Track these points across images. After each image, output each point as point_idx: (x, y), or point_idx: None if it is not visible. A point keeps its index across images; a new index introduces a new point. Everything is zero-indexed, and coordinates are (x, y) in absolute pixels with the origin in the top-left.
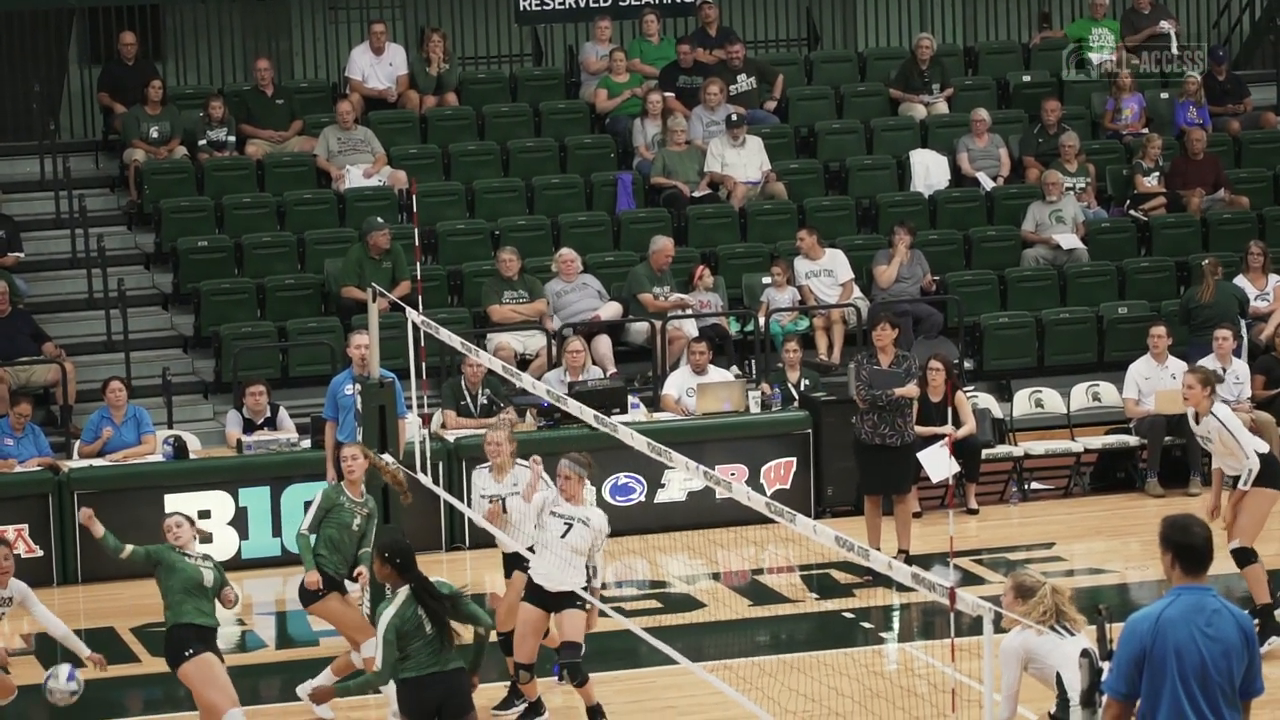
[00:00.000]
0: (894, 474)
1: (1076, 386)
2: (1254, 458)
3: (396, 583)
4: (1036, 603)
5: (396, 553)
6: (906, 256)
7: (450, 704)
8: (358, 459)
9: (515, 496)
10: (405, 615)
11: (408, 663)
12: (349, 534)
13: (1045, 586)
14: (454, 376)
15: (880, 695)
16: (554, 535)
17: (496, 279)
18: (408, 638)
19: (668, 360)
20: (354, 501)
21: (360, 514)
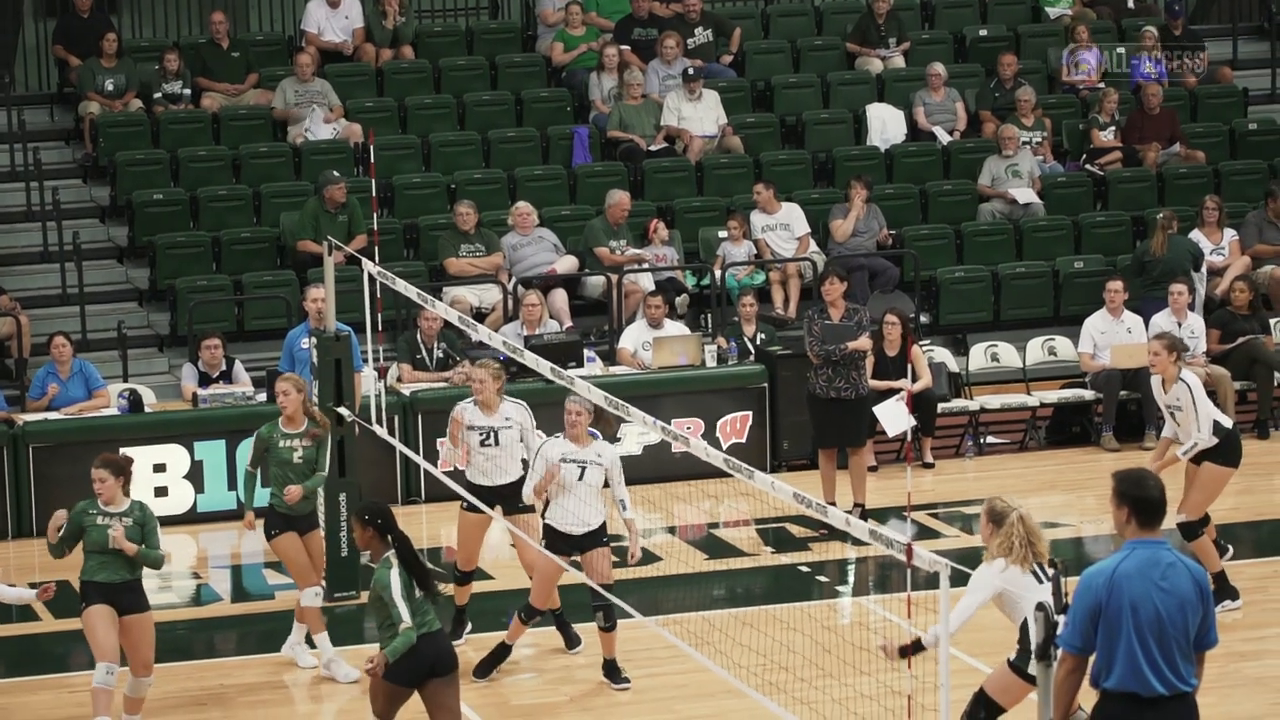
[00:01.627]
0: (849, 427)
1: (1032, 341)
2: (1207, 432)
3: (379, 547)
4: (1007, 532)
5: (376, 514)
6: (863, 211)
7: (441, 663)
8: (289, 394)
9: (507, 430)
10: (405, 576)
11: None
12: (292, 470)
13: (1013, 514)
14: (410, 330)
15: (832, 650)
16: (571, 480)
17: (453, 232)
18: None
19: (624, 314)
20: (289, 435)
21: (300, 445)
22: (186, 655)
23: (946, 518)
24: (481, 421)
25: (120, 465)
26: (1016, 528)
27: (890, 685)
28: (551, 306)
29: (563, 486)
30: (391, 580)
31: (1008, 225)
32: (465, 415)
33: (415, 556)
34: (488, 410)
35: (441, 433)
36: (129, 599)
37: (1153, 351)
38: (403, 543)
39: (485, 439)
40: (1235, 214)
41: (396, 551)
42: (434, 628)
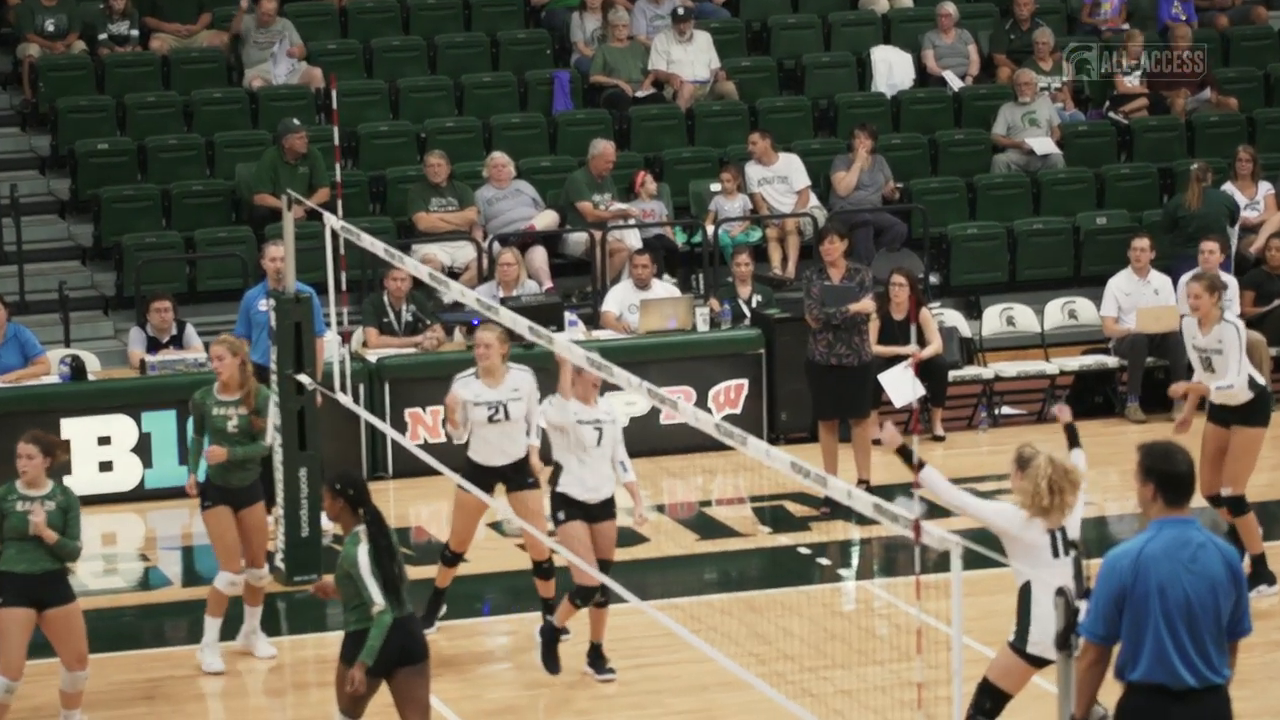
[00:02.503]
0: (851, 397)
1: (1051, 303)
2: (1244, 383)
3: (350, 520)
4: (1033, 475)
5: (349, 484)
6: (867, 162)
7: (410, 651)
8: (224, 359)
9: (516, 401)
10: (374, 554)
11: (360, 611)
12: (227, 440)
13: (1040, 457)
14: (376, 291)
15: (838, 636)
16: (590, 444)
17: (423, 185)
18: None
19: (608, 274)
20: (224, 402)
21: (236, 413)
22: (133, 644)
23: None
24: (488, 395)
25: (50, 445)
26: (1044, 469)
27: (901, 675)
28: (529, 266)
29: (582, 450)
30: (360, 557)
31: (1024, 178)
32: (466, 391)
33: (386, 536)
34: (492, 380)
35: (411, 401)
36: (51, 592)
37: (1192, 294)
38: (375, 519)
39: (494, 414)
40: (1270, 166)
41: (367, 527)
42: (404, 611)
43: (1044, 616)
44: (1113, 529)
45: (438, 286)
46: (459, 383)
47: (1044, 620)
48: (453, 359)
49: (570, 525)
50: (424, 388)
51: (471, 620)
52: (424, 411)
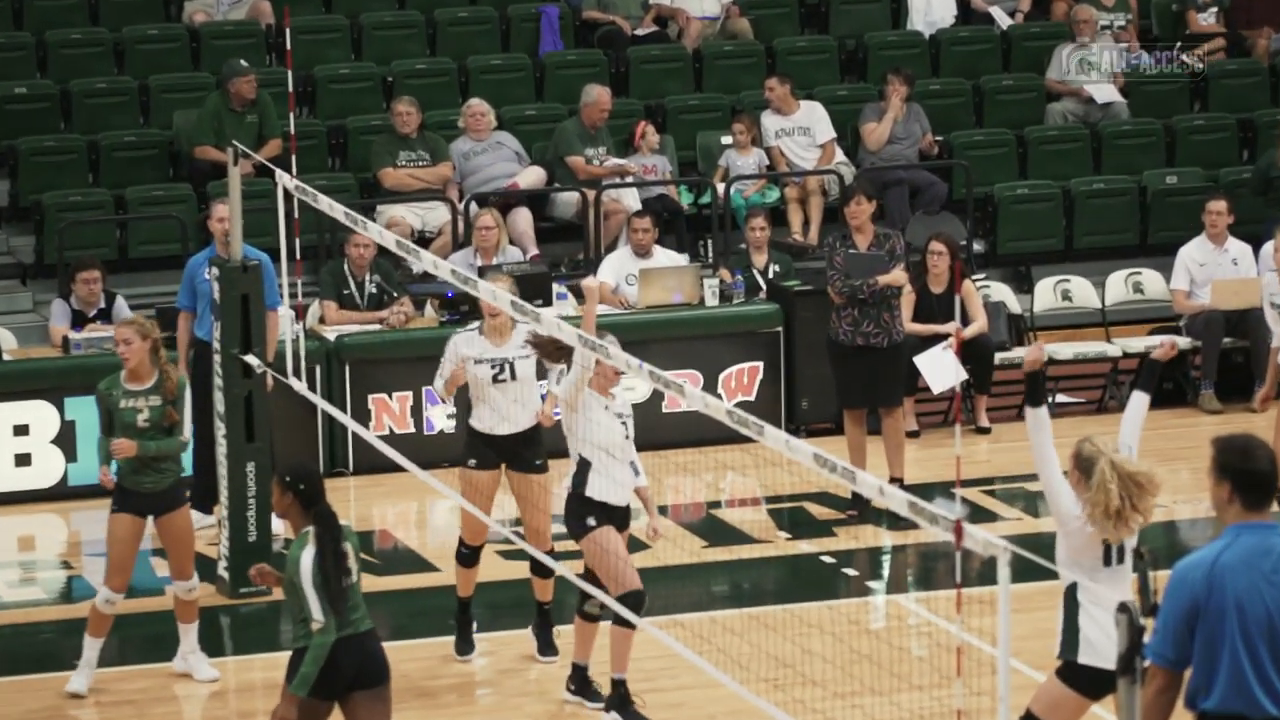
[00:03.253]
0: (881, 382)
1: (1113, 275)
2: None
3: (299, 519)
4: (1098, 488)
5: (300, 477)
6: (902, 112)
7: (366, 672)
8: (132, 343)
9: (525, 360)
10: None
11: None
12: (137, 435)
13: (1102, 460)
14: (335, 258)
15: (868, 657)
16: (618, 440)
17: (389, 137)
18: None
19: (603, 240)
20: (133, 393)
21: (146, 405)
22: (54, 664)
23: (1006, 495)
24: (494, 352)
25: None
26: (1106, 472)
27: (940, 701)
28: (512, 230)
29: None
30: (304, 562)
31: (1083, 130)
32: (469, 347)
33: (337, 540)
34: (498, 337)
35: (375, 386)
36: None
37: None
38: (326, 519)
39: (498, 372)
40: None
41: (316, 528)
42: (360, 628)
43: (1095, 622)
44: (1184, 536)
45: (405, 256)
46: (461, 338)
47: (1095, 626)
48: (423, 337)
49: (603, 532)
50: (390, 370)
51: (443, 638)
52: (390, 398)
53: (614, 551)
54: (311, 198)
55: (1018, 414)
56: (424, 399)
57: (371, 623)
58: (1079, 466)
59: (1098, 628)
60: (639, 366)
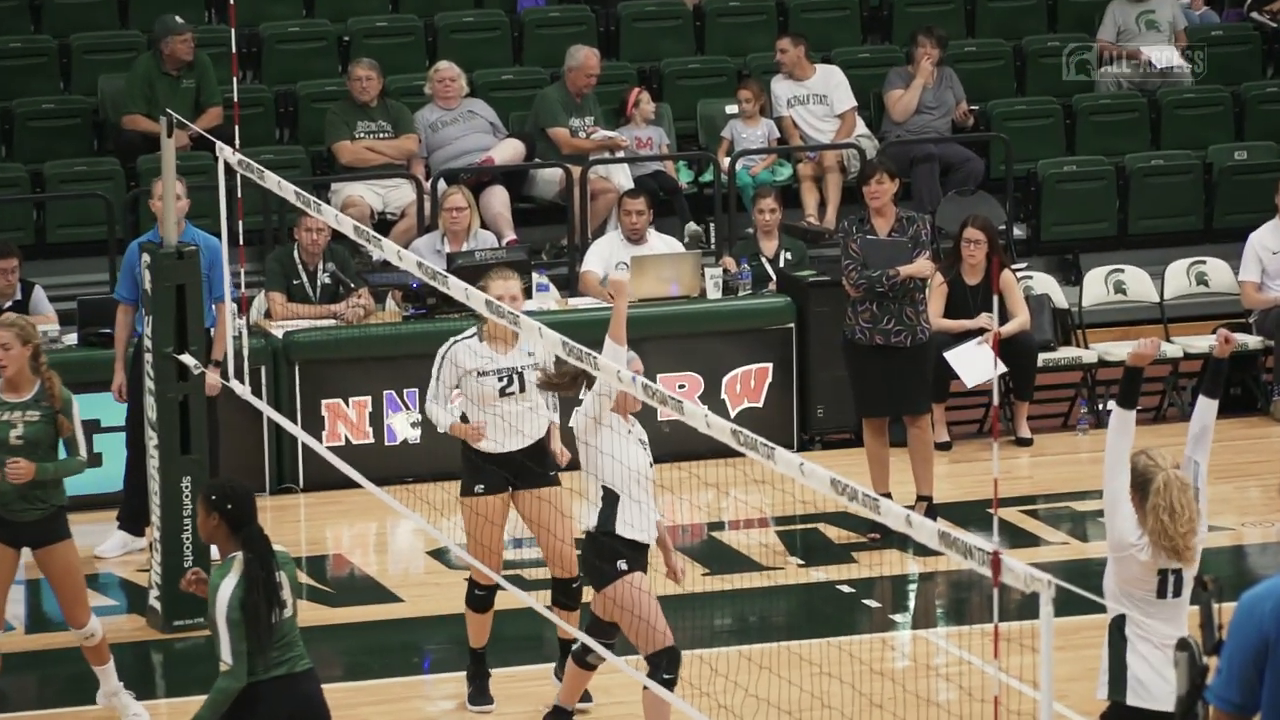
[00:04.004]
0: (905, 387)
1: (1174, 265)
2: None
3: (227, 544)
4: (1153, 511)
5: (227, 496)
6: (932, 77)
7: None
8: (10, 348)
9: (534, 369)
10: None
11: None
12: (9, 452)
13: (1160, 476)
14: (284, 244)
15: (886, 706)
16: (644, 468)
17: (346, 105)
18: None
19: (590, 223)
20: (8, 405)
21: (23, 420)
22: None
23: (1050, 517)
24: (500, 362)
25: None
26: (1167, 494)
27: None
28: (486, 211)
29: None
30: (222, 592)
31: (1139, 99)
32: (469, 358)
33: (269, 569)
34: (499, 345)
35: (329, 390)
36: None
37: None
38: (257, 545)
39: (506, 385)
40: None
41: (245, 555)
42: (296, 668)
43: (1145, 660)
44: (1253, 562)
45: (362, 243)
46: (458, 348)
47: (1144, 664)
48: (384, 334)
49: (638, 579)
50: (346, 372)
51: (406, 678)
52: (345, 404)
53: (649, 603)
54: (257, 174)
55: (1063, 423)
56: (384, 405)
57: (310, 663)
58: (1135, 483)
59: (1148, 666)
60: (628, 377)
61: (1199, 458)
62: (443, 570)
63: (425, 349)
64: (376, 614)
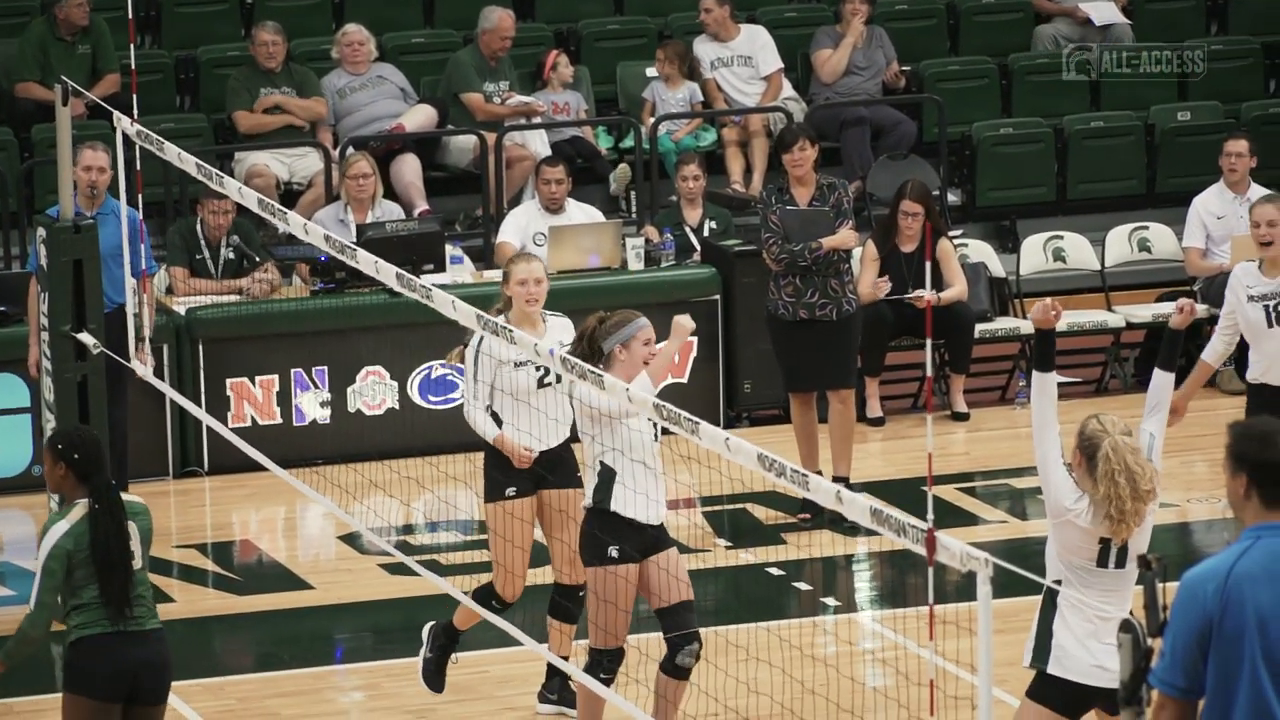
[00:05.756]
0: (830, 361)
1: (1115, 231)
2: None
3: (74, 493)
4: (1102, 477)
5: (74, 445)
6: (862, 37)
7: (147, 680)
8: None
9: None
10: (83, 537)
11: (82, 614)
12: None
13: (1106, 442)
14: (185, 216)
15: (818, 691)
16: (648, 444)
17: (249, 71)
18: (84, 576)
19: (505, 192)
20: None
21: None
22: None
23: (988, 495)
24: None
25: None
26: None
27: None
28: (397, 181)
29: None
30: (50, 535)
31: (1079, 58)
32: (502, 349)
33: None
34: (532, 330)
35: (235, 369)
36: None
37: (1265, 220)
38: (105, 495)
39: (544, 374)
40: None
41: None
42: (147, 625)
43: (1070, 631)
44: (1199, 540)
45: (267, 217)
46: (492, 339)
47: (1069, 634)
48: (291, 309)
49: (621, 571)
50: (252, 350)
51: (318, 669)
52: (252, 383)
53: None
54: (156, 144)
55: (1001, 397)
56: (292, 383)
57: (159, 622)
58: (1081, 448)
59: (1073, 637)
60: (547, 351)
61: (1154, 429)
62: (355, 556)
63: (334, 324)
64: (286, 602)
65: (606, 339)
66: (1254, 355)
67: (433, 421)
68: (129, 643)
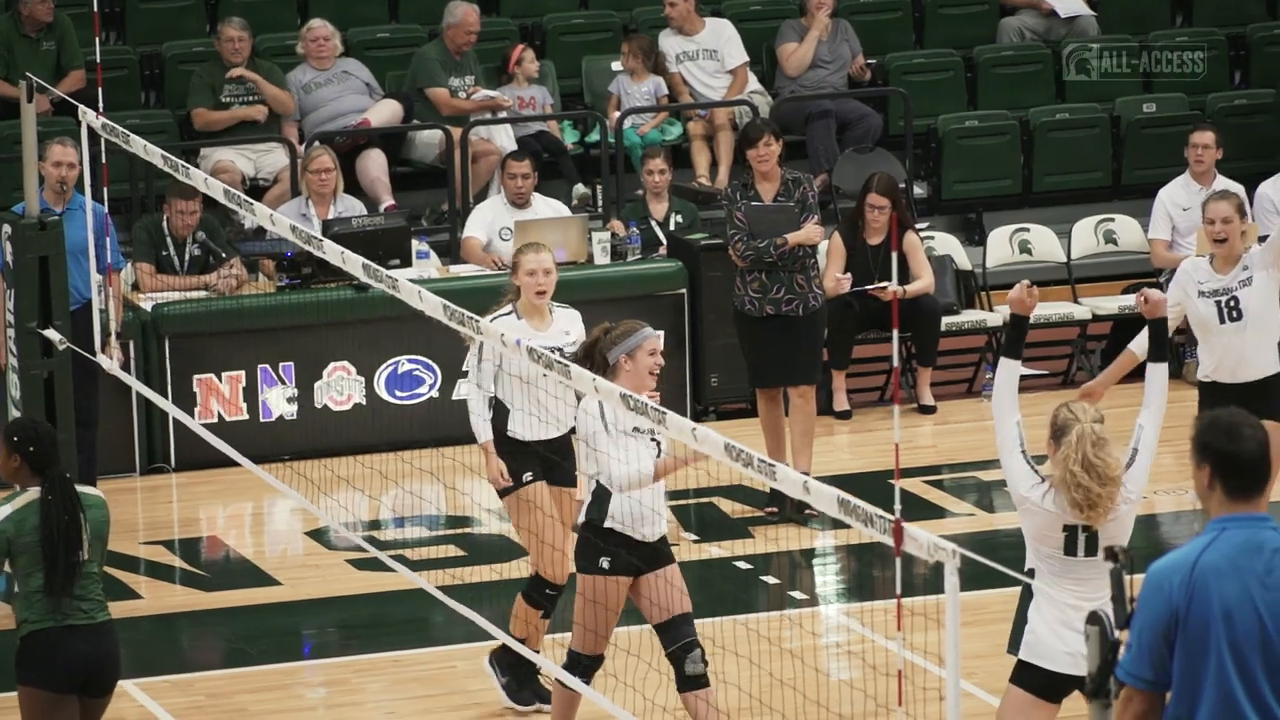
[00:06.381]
0: (796, 357)
1: (1081, 223)
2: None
3: (27, 483)
4: (1063, 455)
5: (29, 438)
6: (827, 30)
7: (95, 672)
8: None
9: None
10: (26, 525)
11: (30, 607)
12: None
13: (1075, 429)
14: (152, 212)
15: (786, 682)
16: (647, 460)
17: (213, 67)
18: (29, 564)
19: (471, 187)
20: None
21: None
22: None
23: (955, 488)
24: (539, 340)
25: None
26: (1073, 447)
27: None
28: (363, 176)
29: None
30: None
31: (1044, 50)
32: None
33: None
34: (539, 320)
35: (201, 365)
36: None
37: (1219, 218)
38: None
39: None
40: None
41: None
42: (97, 618)
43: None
44: (1167, 531)
45: (234, 207)
46: (501, 323)
47: (1041, 621)
48: (258, 305)
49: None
50: (218, 346)
51: (285, 664)
52: (219, 379)
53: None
54: (122, 138)
55: (968, 389)
56: (259, 379)
57: (109, 615)
58: (1053, 435)
59: (1045, 625)
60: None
61: (1144, 421)
62: (322, 551)
63: (300, 320)
64: (253, 598)
65: (611, 349)
66: (1203, 353)
67: (400, 417)
68: (78, 636)
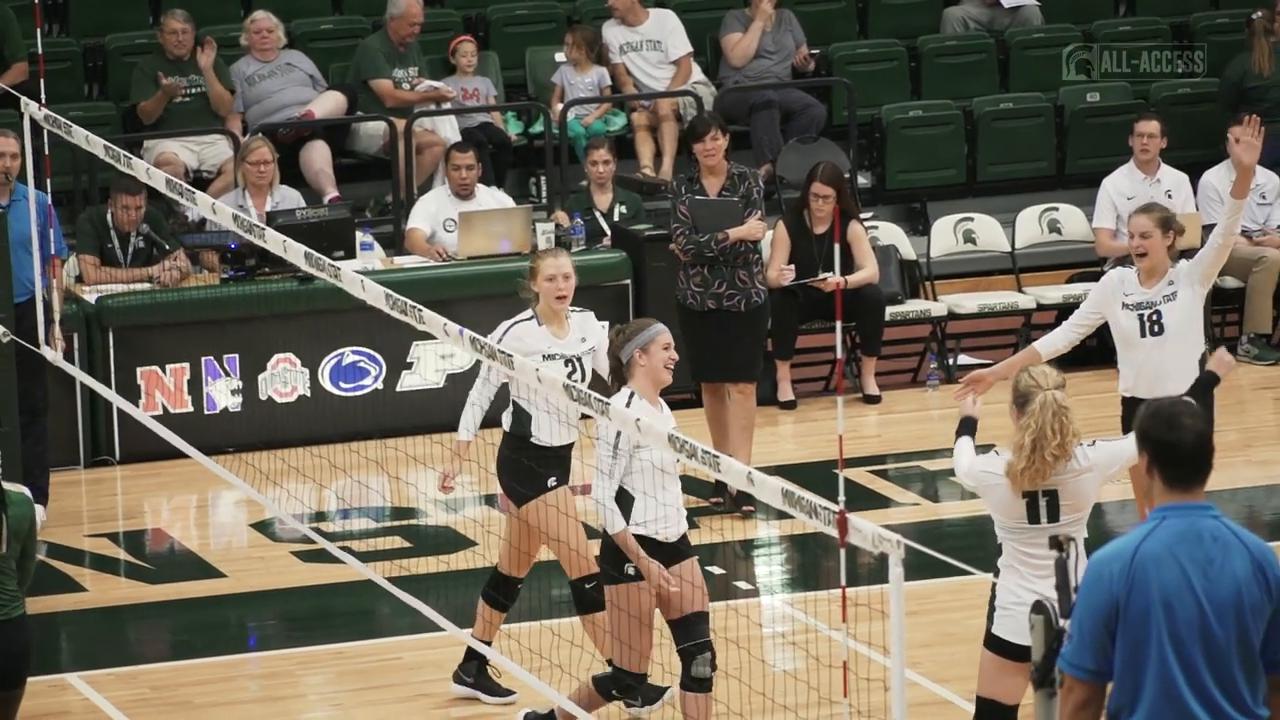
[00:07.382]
0: (736, 353)
1: (1025, 212)
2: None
3: None
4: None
5: None
6: (770, 20)
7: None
8: None
9: (589, 356)
10: None
11: None
12: None
13: (1038, 397)
14: (96, 204)
15: (730, 673)
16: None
17: (156, 60)
18: None
19: (415, 178)
20: None
21: None
22: None
23: (900, 477)
24: (560, 347)
25: None
26: (1041, 415)
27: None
28: (307, 168)
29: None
30: None
31: (987, 40)
32: (536, 342)
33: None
34: (558, 325)
35: (145, 357)
36: None
37: (1139, 232)
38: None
39: (571, 371)
40: None
41: None
42: (12, 613)
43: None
44: (1112, 521)
45: (176, 197)
46: (521, 328)
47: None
48: (202, 298)
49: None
50: (162, 338)
51: (231, 657)
52: (163, 371)
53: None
54: (65, 129)
55: (913, 379)
56: (204, 371)
57: (23, 610)
58: (1015, 401)
59: (1012, 598)
60: (458, 332)
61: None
62: (267, 544)
63: (245, 312)
64: (198, 590)
65: (624, 346)
66: (1123, 367)
67: (344, 408)
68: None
